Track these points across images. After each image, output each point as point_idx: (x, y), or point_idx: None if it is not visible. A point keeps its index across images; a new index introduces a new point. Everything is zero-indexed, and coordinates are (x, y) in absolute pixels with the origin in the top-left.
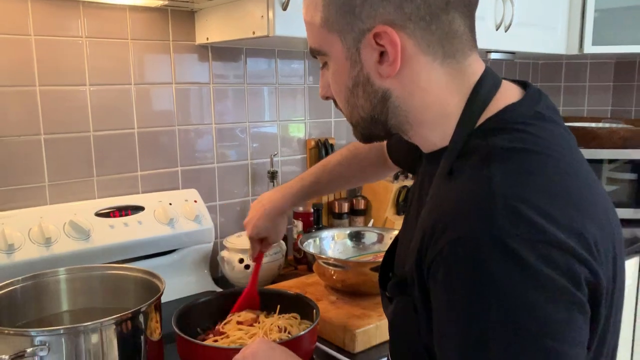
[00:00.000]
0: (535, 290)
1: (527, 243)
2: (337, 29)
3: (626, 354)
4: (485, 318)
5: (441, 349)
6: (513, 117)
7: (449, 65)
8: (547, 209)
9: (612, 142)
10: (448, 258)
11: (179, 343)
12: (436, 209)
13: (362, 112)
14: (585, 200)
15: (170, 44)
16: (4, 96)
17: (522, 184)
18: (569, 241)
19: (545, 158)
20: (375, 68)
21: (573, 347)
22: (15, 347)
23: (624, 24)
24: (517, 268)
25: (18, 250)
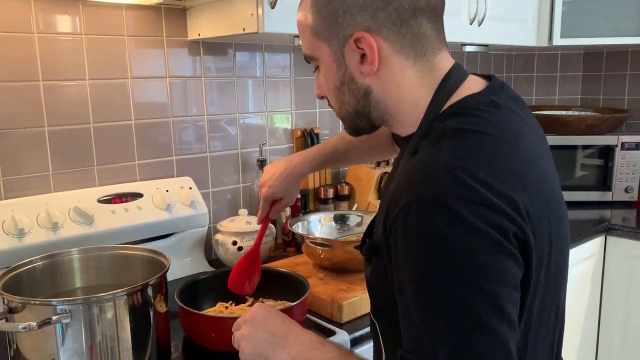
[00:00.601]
0: (473, 241)
1: (464, 203)
2: (324, 37)
3: (593, 330)
4: (433, 266)
5: (401, 296)
6: (470, 104)
7: (420, 63)
8: (483, 177)
9: (581, 129)
10: (402, 220)
11: (181, 314)
12: (397, 182)
13: (349, 107)
14: (519, 174)
15: (164, 39)
16: (10, 90)
17: (465, 157)
18: (500, 203)
19: (490, 137)
20: (357, 68)
21: (508, 288)
22: (39, 315)
23: (591, 17)
24: (457, 223)
25: (28, 234)
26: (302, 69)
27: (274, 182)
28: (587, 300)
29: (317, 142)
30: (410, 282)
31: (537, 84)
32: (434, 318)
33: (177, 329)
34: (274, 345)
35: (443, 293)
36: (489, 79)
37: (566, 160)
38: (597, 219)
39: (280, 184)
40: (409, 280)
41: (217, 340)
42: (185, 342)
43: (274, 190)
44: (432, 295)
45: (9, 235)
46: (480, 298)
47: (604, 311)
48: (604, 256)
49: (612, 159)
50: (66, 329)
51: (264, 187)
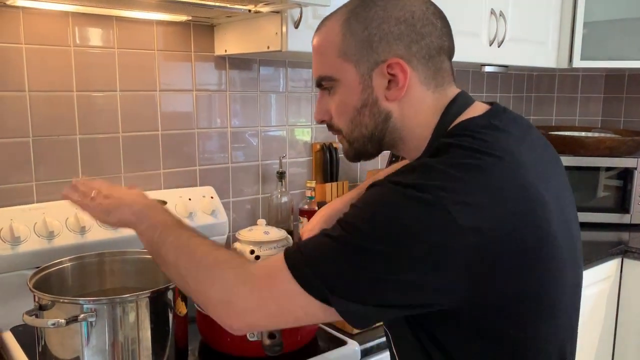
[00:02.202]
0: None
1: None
2: (353, 60)
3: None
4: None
5: None
6: (468, 126)
7: (438, 93)
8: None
9: (600, 150)
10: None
11: (198, 318)
12: None
13: (365, 129)
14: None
15: (192, 54)
16: (46, 100)
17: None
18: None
19: (479, 155)
20: (383, 92)
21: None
22: (67, 313)
23: (611, 40)
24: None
25: (57, 237)
26: None
27: (313, 226)
28: (602, 323)
29: (335, 156)
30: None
31: (557, 104)
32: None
33: (194, 332)
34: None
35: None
36: (490, 105)
37: (585, 182)
38: (614, 241)
39: (322, 225)
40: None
41: (232, 344)
42: (202, 345)
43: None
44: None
45: (40, 237)
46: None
47: (619, 334)
48: (620, 279)
49: (631, 181)
50: (91, 327)
51: (305, 233)
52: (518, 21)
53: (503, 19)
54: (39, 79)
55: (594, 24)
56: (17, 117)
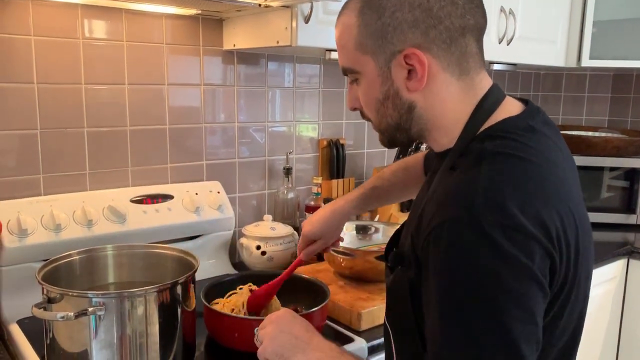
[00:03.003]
0: (501, 265)
1: (498, 226)
2: (370, 51)
3: (612, 353)
4: (460, 285)
5: (427, 309)
6: (508, 127)
7: (463, 81)
8: (519, 202)
9: (607, 150)
10: (434, 238)
11: (206, 314)
12: (433, 199)
13: (390, 120)
14: (553, 201)
15: (200, 48)
16: (55, 92)
17: (502, 180)
18: (533, 229)
19: (528, 163)
20: (404, 84)
21: (530, 314)
22: (76, 307)
23: (620, 40)
24: (488, 246)
25: (64, 229)
26: (331, 80)
27: (314, 223)
28: (607, 323)
29: (342, 152)
30: (436, 297)
31: (564, 103)
32: (456, 338)
33: (201, 327)
34: (295, 348)
35: (466, 312)
36: (525, 103)
37: (591, 182)
38: (620, 242)
39: (320, 223)
40: (436, 297)
41: (239, 340)
42: (209, 340)
43: (313, 229)
44: (456, 315)
45: (47, 229)
46: (503, 323)
47: (624, 335)
48: (626, 279)
49: (637, 181)
50: (100, 320)
51: (305, 225)
52: (528, 19)
53: (513, 17)
54: (48, 71)
55: (603, 23)
56: (25, 109)
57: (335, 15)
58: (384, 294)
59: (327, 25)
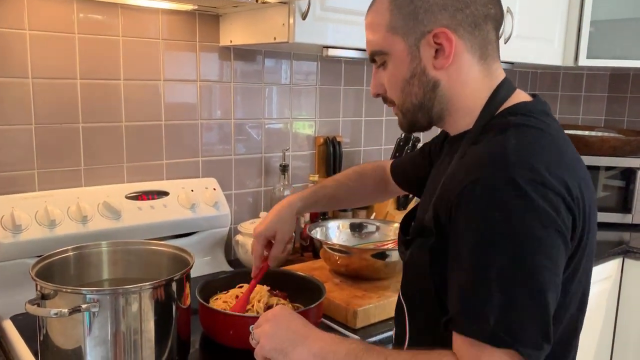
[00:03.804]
0: (533, 216)
1: (531, 183)
2: (401, 32)
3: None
4: (494, 234)
5: (454, 264)
6: (525, 108)
7: (482, 66)
8: (546, 165)
9: (603, 150)
10: (468, 193)
11: (201, 311)
12: (460, 166)
13: (415, 98)
14: (571, 167)
15: (196, 44)
16: (49, 88)
17: (529, 146)
18: (560, 188)
19: (547, 134)
20: (431, 61)
21: (556, 265)
22: (70, 303)
23: (617, 39)
24: (521, 198)
25: (59, 225)
26: (328, 77)
27: (264, 221)
28: (602, 322)
29: (339, 150)
30: (468, 248)
31: (561, 102)
32: (486, 282)
33: (196, 324)
34: (295, 342)
35: (500, 259)
36: (533, 96)
37: None
38: (615, 241)
39: (271, 219)
40: (467, 247)
41: (234, 337)
42: (204, 337)
43: (265, 226)
44: (488, 260)
45: (41, 225)
46: (532, 268)
47: (619, 334)
48: (621, 278)
49: (634, 181)
50: (94, 317)
51: (258, 227)
52: (526, 18)
53: (510, 15)
54: (43, 66)
55: (600, 22)
56: (20, 104)
57: (332, 12)
58: (380, 291)
59: (324, 22)
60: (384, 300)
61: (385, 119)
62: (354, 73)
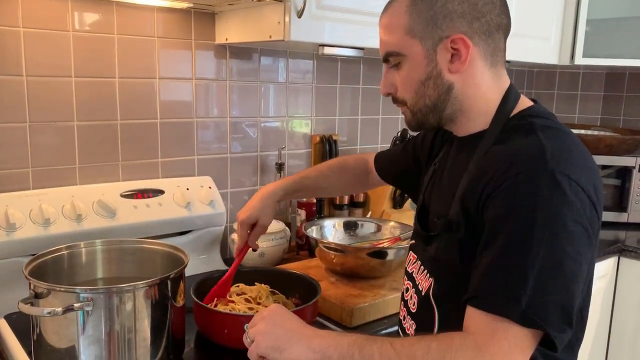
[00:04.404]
0: (567, 210)
1: (566, 180)
2: (419, 36)
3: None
4: (532, 223)
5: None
6: (539, 111)
7: (492, 71)
8: (576, 164)
9: (599, 149)
10: (512, 186)
11: (196, 310)
12: (490, 161)
13: (428, 100)
14: (593, 168)
15: (192, 42)
16: (44, 85)
17: (562, 146)
18: (588, 187)
19: (570, 135)
20: (446, 65)
21: (584, 259)
22: (64, 302)
23: (613, 38)
24: (560, 195)
25: (53, 224)
26: (324, 76)
27: (248, 207)
28: (597, 322)
29: (335, 148)
30: (507, 232)
31: (557, 101)
32: (522, 266)
33: (191, 323)
34: (291, 340)
35: (536, 246)
36: (533, 101)
37: None
38: (611, 240)
39: (255, 206)
40: (506, 231)
41: (229, 336)
42: (199, 336)
43: (249, 213)
44: (526, 246)
45: (36, 224)
46: (564, 259)
47: (614, 332)
48: (616, 277)
49: (629, 180)
50: (87, 316)
51: (240, 213)
52: (521, 17)
53: None
54: (37, 64)
55: (596, 21)
56: (14, 102)
57: (328, 10)
58: (376, 290)
59: (320, 20)
60: (379, 298)
61: (382, 117)
62: (350, 71)
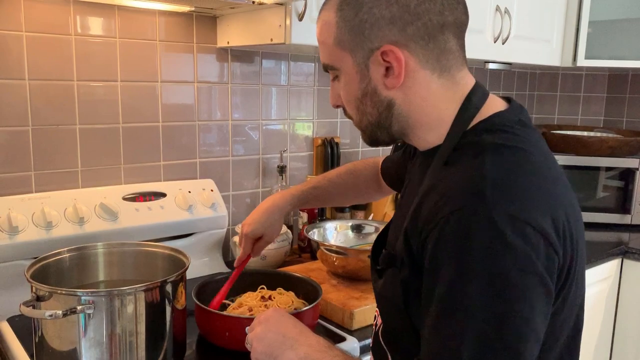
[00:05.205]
0: (511, 262)
1: (510, 221)
2: (349, 48)
3: (605, 354)
4: (468, 275)
5: (427, 302)
6: (501, 121)
7: (444, 78)
8: (528, 195)
9: (602, 150)
10: (443, 228)
11: (197, 313)
12: (433, 191)
13: (370, 117)
14: (557, 191)
15: (194, 46)
16: (46, 88)
17: (509, 171)
18: (542, 223)
19: (527, 154)
20: (381, 81)
21: (534, 313)
22: (65, 305)
23: (616, 40)
24: (498, 239)
25: (55, 227)
26: (326, 78)
27: (254, 220)
28: (601, 324)
29: (337, 151)
30: (441, 289)
31: (560, 103)
32: (459, 330)
33: (192, 326)
34: (284, 346)
35: (473, 306)
36: (508, 101)
37: (586, 182)
38: (614, 242)
39: (260, 220)
40: (440, 288)
41: (230, 338)
42: (200, 339)
43: (255, 227)
44: (461, 306)
45: (38, 227)
46: (507, 317)
47: (618, 335)
48: (620, 279)
49: (632, 181)
50: (89, 319)
51: (245, 226)
52: (523, 18)
53: (508, 16)
54: (39, 68)
55: (598, 23)
56: (17, 106)
57: None
58: None
59: None
60: None
61: None
62: None
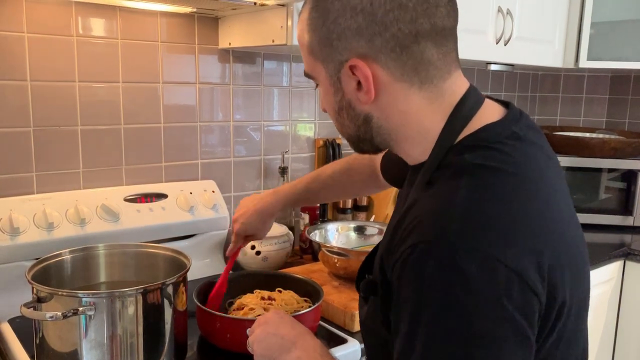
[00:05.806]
0: (471, 303)
1: (473, 257)
2: (320, 58)
3: (608, 356)
4: (426, 317)
5: (394, 338)
6: (490, 136)
7: (426, 90)
8: (502, 227)
9: (604, 152)
10: (402, 265)
11: (198, 314)
12: (408, 216)
13: (350, 130)
14: (542, 221)
15: (195, 47)
16: (48, 89)
17: (484, 200)
18: (517, 261)
19: (512, 177)
20: (355, 95)
21: None
22: (66, 306)
23: (618, 41)
24: (458, 279)
25: (57, 228)
26: None
27: (246, 220)
28: (603, 325)
29: (338, 152)
30: (400, 336)
31: (562, 104)
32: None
33: (193, 327)
34: (281, 348)
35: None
36: (506, 106)
37: (588, 183)
38: (617, 243)
39: (252, 222)
40: (398, 334)
41: (232, 340)
42: (201, 340)
43: (246, 227)
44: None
45: (39, 228)
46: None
47: (620, 337)
48: (622, 281)
49: (635, 183)
50: (90, 320)
51: (237, 223)
52: (525, 20)
53: (510, 17)
54: (41, 69)
55: (601, 24)
56: (18, 107)
57: None
58: None
59: None
60: None
61: None
62: None
